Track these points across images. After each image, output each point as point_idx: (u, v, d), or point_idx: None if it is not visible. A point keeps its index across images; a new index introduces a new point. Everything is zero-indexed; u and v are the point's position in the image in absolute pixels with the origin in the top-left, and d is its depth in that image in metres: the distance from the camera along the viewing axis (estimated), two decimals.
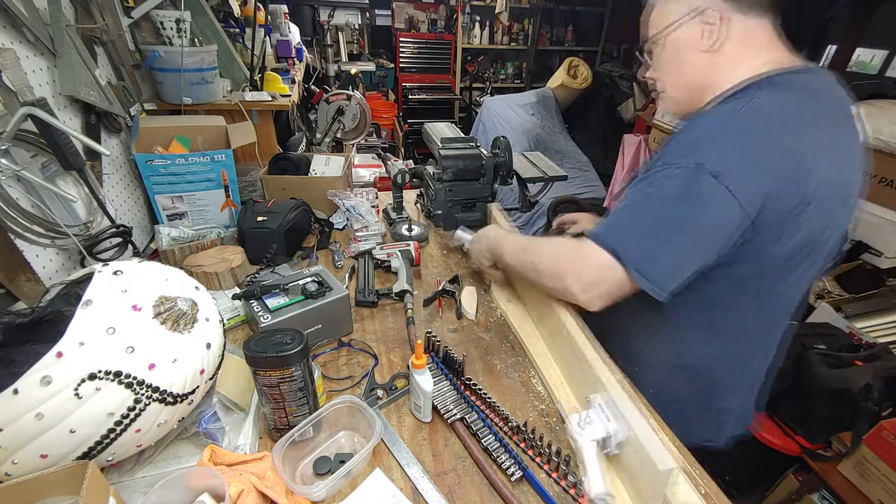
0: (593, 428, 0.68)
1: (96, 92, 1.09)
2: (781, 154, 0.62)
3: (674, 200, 0.65)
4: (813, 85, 0.68)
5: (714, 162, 0.62)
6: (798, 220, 0.64)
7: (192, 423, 0.72)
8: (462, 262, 1.30)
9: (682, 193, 0.64)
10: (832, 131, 0.66)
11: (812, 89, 0.67)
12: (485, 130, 3.75)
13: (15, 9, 0.87)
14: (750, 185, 0.62)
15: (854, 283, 1.79)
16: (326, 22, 3.08)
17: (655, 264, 0.67)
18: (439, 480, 0.70)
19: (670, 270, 0.68)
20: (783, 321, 0.82)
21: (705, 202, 0.63)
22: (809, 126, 0.64)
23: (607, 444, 0.68)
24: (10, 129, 0.79)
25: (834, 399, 1.35)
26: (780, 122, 0.63)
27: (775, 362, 0.86)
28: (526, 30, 4.85)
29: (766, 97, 0.64)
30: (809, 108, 0.65)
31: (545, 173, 1.50)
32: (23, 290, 0.82)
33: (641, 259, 0.67)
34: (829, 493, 1.42)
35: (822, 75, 0.71)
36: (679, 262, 0.68)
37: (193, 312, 0.67)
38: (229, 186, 1.27)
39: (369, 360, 0.93)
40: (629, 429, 0.64)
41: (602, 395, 0.71)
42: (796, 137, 0.63)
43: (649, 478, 0.61)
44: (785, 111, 0.64)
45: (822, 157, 0.64)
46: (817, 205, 0.64)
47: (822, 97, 0.68)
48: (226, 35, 1.78)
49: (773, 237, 0.66)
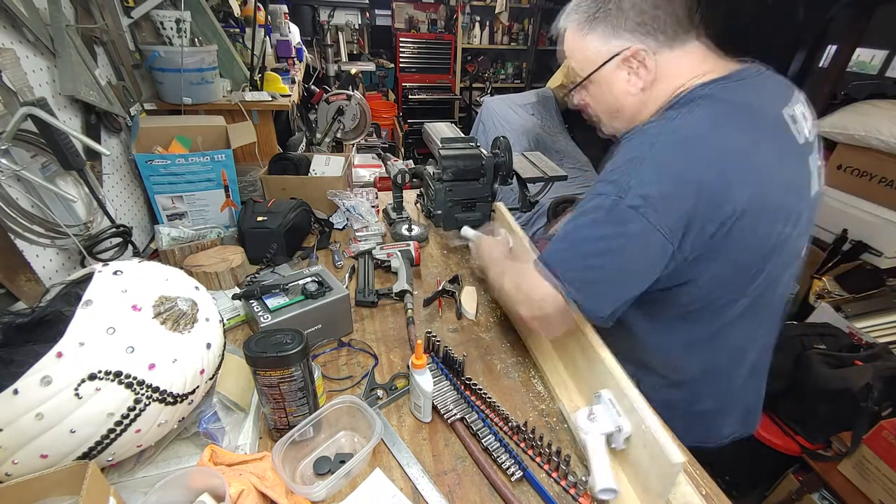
0: (602, 422, 0.69)
1: (96, 92, 1.09)
2: (699, 177, 0.62)
3: (601, 230, 0.66)
4: (739, 95, 0.67)
5: (633, 192, 0.62)
6: (728, 237, 0.64)
7: (192, 423, 0.72)
8: (462, 262, 1.30)
9: (607, 223, 0.65)
10: (757, 143, 0.65)
11: (737, 100, 0.67)
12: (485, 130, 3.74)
13: (15, 9, 0.87)
14: (669, 212, 0.62)
15: (854, 283, 1.79)
16: (326, 22, 3.08)
17: (589, 289, 0.68)
18: (439, 480, 0.70)
19: (603, 296, 0.69)
20: (763, 331, 0.83)
21: (627, 232, 0.64)
22: (730, 142, 0.63)
23: (614, 440, 0.68)
24: (10, 129, 0.79)
25: (834, 399, 1.35)
26: (697, 142, 0.63)
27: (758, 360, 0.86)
28: (526, 30, 4.85)
29: (688, 116, 0.65)
30: (732, 122, 0.65)
31: (545, 173, 1.50)
32: (23, 290, 0.82)
33: (576, 283, 0.68)
34: (829, 493, 1.42)
35: (753, 81, 0.70)
36: (611, 288, 0.69)
37: (193, 312, 0.67)
38: (229, 186, 1.27)
39: (369, 360, 0.93)
40: (641, 423, 0.63)
41: (612, 391, 0.71)
42: (713, 156, 0.62)
43: (659, 472, 0.61)
44: (703, 130, 0.64)
45: (747, 171, 0.63)
46: (751, 220, 0.64)
47: (748, 108, 0.67)
48: (226, 35, 1.78)
49: (707, 258, 0.66)
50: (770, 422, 1.52)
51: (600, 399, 0.71)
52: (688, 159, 0.63)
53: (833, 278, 1.84)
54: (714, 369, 0.83)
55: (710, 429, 0.88)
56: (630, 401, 0.66)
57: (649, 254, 0.65)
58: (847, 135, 1.78)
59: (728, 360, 0.82)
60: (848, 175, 1.85)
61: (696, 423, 0.84)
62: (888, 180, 1.72)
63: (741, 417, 0.90)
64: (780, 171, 0.67)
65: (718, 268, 0.68)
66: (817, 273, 1.89)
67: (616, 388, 0.70)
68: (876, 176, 1.76)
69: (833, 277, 1.85)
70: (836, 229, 1.89)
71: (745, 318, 0.77)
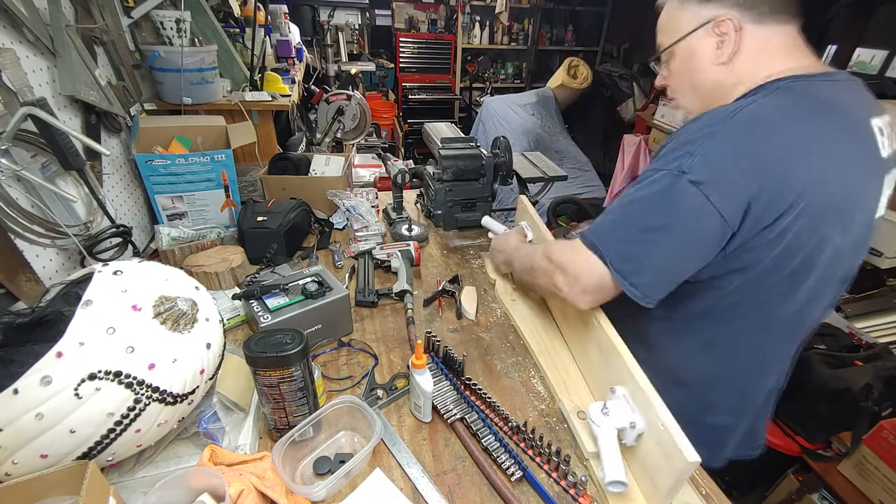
0: (615, 417, 0.69)
1: (96, 92, 1.09)
2: (766, 161, 0.59)
3: (656, 206, 0.64)
4: (827, 93, 0.64)
5: (696, 169, 0.60)
6: (783, 230, 0.62)
7: (192, 423, 0.72)
8: (462, 262, 1.30)
9: (663, 199, 0.63)
10: (835, 141, 0.63)
11: (823, 97, 0.64)
12: (485, 130, 3.75)
13: (15, 9, 0.87)
14: (731, 194, 0.60)
15: (854, 283, 1.79)
16: (326, 22, 3.08)
17: (636, 268, 0.66)
18: (439, 480, 0.70)
19: (652, 276, 0.66)
20: (786, 347, 0.80)
21: (685, 210, 0.62)
22: (804, 133, 0.61)
23: (625, 436, 0.68)
24: (10, 129, 0.79)
25: (834, 399, 1.35)
26: (770, 126, 0.60)
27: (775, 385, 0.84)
28: (526, 30, 4.85)
29: (766, 102, 0.62)
30: (811, 115, 0.62)
31: (545, 173, 1.50)
32: (23, 290, 0.82)
33: (623, 261, 0.66)
34: (829, 493, 1.42)
35: (843, 85, 0.67)
36: (660, 268, 0.66)
37: (193, 312, 0.67)
38: (229, 186, 1.27)
39: (369, 360, 0.93)
40: (658, 420, 0.63)
41: (627, 387, 0.70)
42: (785, 142, 0.60)
43: (671, 469, 0.61)
44: (779, 116, 0.61)
45: (813, 165, 0.60)
46: (803, 214, 0.61)
47: (833, 106, 0.64)
48: (226, 35, 1.78)
49: (758, 249, 0.64)
50: (770, 422, 1.52)
51: (615, 394, 0.71)
52: (756, 143, 0.60)
53: None
54: (726, 378, 0.79)
55: (715, 446, 0.84)
56: (647, 397, 0.65)
57: (705, 233, 0.62)
58: None
59: (741, 372, 0.79)
60: None
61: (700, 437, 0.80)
62: None
63: (748, 437, 0.86)
64: (850, 178, 0.64)
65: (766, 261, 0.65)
66: None
67: (632, 383, 0.69)
68: None
69: None
70: None
71: (772, 331, 0.74)
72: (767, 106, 0.62)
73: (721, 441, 0.84)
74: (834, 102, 0.64)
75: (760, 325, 0.73)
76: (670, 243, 0.65)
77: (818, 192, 0.61)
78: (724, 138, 0.61)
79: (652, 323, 0.80)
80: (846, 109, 0.65)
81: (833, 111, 0.64)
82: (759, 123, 0.61)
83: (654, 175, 0.65)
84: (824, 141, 0.62)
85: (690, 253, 0.65)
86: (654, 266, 0.66)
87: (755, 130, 0.60)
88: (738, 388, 0.80)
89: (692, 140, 0.62)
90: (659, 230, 0.64)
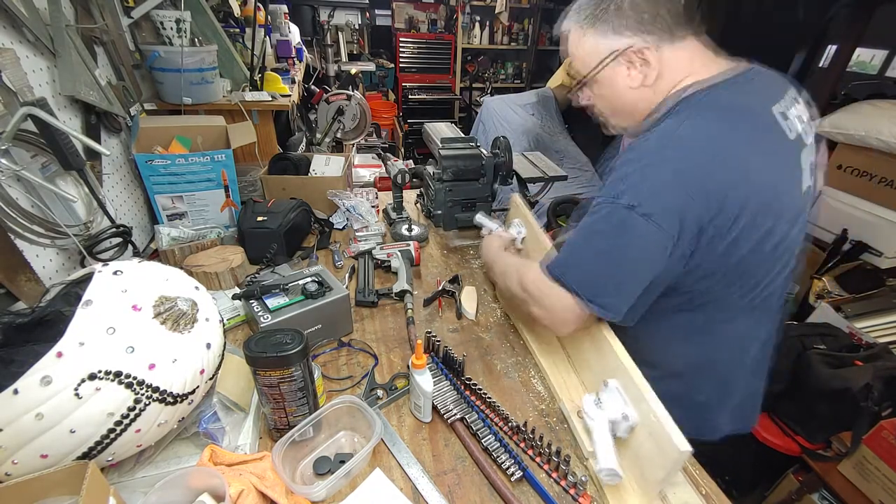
0: (608, 409, 0.70)
1: (96, 92, 1.09)
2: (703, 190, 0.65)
3: (604, 233, 0.71)
4: (730, 99, 0.71)
5: (633, 196, 0.67)
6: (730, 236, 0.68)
7: (192, 423, 0.72)
8: (462, 262, 1.30)
9: (609, 226, 0.70)
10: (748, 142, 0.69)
11: (728, 105, 0.70)
12: (485, 130, 3.74)
13: (15, 9, 0.87)
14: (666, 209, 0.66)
15: (854, 283, 1.79)
16: (326, 22, 3.09)
17: (599, 291, 0.72)
18: (439, 480, 0.70)
19: (614, 294, 0.72)
20: (763, 324, 0.85)
21: (631, 234, 0.68)
22: (721, 145, 0.67)
23: (618, 428, 0.69)
24: (10, 129, 0.79)
25: (834, 399, 1.35)
26: (691, 147, 0.67)
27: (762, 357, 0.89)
28: (526, 30, 4.85)
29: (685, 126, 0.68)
30: (723, 125, 0.69)
31: (545, 173, 1.50)
32: (23, 290, 0.82)
33: (586, 288, 0.72)
34: (829, 493, 1.42)
35: (743, 83, 0.74)
36: (621, 288, 0.72)
37: (193, 312, 0.67)
38: (229, 186, 1.27)
39: (369, 360, 0.93)
40: (650, 412, 0.64)
41: (620, 380, 0.72)
42: (708, 158, 0.66)
43: (663, 461, 0.62)
44: (697, 136, 0.68)
45: (736, 170, 0.66)
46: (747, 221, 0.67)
47: (738, 110, 0.71)
48: (226, 35, 1.78)
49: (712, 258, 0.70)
50: (770, 422, 1.52)
51: (608, 387, 0.72)
52: (682, 164, 0.67)
53: (833, 278, 1.84)
54: (713, 362, 0.85)
55: (706, 421, 0.89)
56: (639, 390, 0.67)
57: (650, 248, 0.68)
58: (847, 135, 1.78)
59: (728, 354, 0.84)
60: (848, 175, 1.85)
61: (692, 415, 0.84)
62: (888, 180, 1.72)
63: (739, 413, 0.91)
64: (773, 171, 0.71)
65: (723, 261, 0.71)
66: (817, 273, 1.89)
67: (625, 376, 0.71)
68: (876, 176, 1.76)
69: (833, 277, 1.85)
70: (835, 229, 1.89)
71: (745, 314, 0.80)
72: (685, 129, 0.68)
73: (712, 415, 0.89)
74: (738, 106, 0.71)
75: (732, 312, 0.79)
76: (626, 266, 0.71)
77: (748, 192, 0.67)
78: (656, 167, 0.68)
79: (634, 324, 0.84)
80: (749, 108, 0.72)
81: (740, 115, 0.70)
82: (680, 147, 0.67)
83: (600, 207, 0.72)
84: (738, 145, 0.68)
85: (644, 269, 0.71)
86: (614, 285, 0.72)
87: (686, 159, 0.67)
88: (722, 371, 0.86)
89: (628, 172, 0.69)
90: (611, 253, 0.71)
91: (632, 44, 0.73)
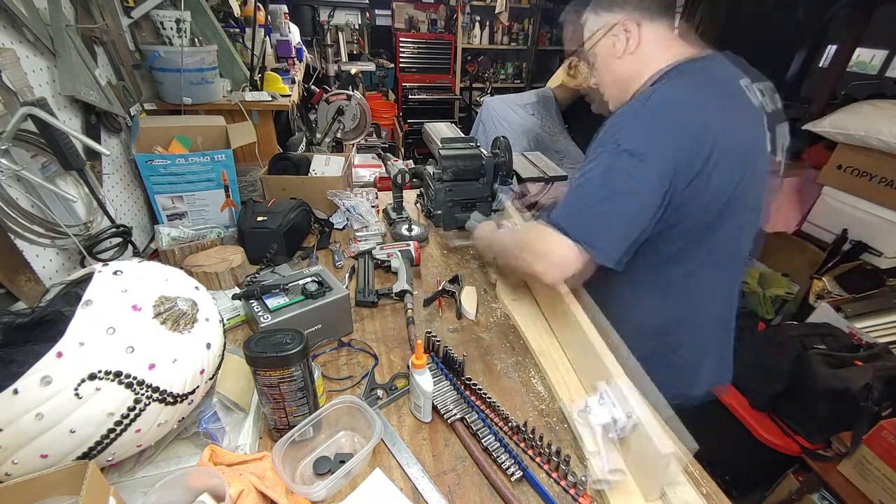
0: (600, 412, 0.71)
1: (96, 92, 1.09)
2: (681, 127, 0.76)
3: (603, 178, 0.78)
4: (709, 69, 0.84)
5: (628, 141, 0.76)
6: (705, 176, 0.76)
7: (192, 423, 0.72)
8: (462, 262, 1.30)
9: (607, 171, 0.77)
10: (725, 103, 0.81)
11: (707, 73, 0.84)
12: (485, 130, 3.74)
13: (15, 9, 0.87)
14: (660, 154, 0.75)
15: (854, 283, 1.79)
16: (326, 22, 3.09)
17: (598, 235, 0.78)
18: (439, 480, 0.70)
19: (612, 239, 0.78)
20: (728, 280, 0.96)
21: (627, 175, 0.76)
22: (703, 101, 0.78)
23: (611, 429, 0.70)
24: (10, 129, 0.79)
25: (834, 399, 1.35)
26: (679, 102, 0.78)
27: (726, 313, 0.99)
28: (526, 30, 4.85)
29: (671, 84, 0.80)
30: (704, 87, 0.81)
31: (545, 173, 1.50)
32: (23, 290, 0.82)
33: (584, 231, 0.78)
34: (829, 493, 1.42)
35: (716, 61, 0.86)
36: (617, 230, 0.78)
37: (193, 312, 0.67)
38: (229, 186, 1.27)
39: (369, 360, 0.93)
40: (633, 413, 0.65)
41: (608, 383, 0.73)
42: (692, 112, 0.77)
43: (652, 462, 0.63)
44: (682, 91, 0.79)
45: (715, 122, 0.77)
46: (719, 162, 0.76)
47: (715, 77, 0.84)
48: (226, 35, 1.78)
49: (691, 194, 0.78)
50: (770, 422, 1.52)
51: (598, 391, 0.73)
52: (670, 113, 0.77)
53: (833, 278, 1.84)
54: (686, 317, 0.94)
55: (690, 378, 0.97)
56: (620, 390, 0.69)
57: (646, 191, 0.76)
58: (847, 135, 1.78)
59: (697, 309, 0.94)
60: (848, 175, 1.85)
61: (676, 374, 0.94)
62: (888, 180, 1.72)
63: (717, 366, 1.01)
64: (741, 125, 0.83)
65: (699, 206, 0.80)
66: (817, 273, 1.89)
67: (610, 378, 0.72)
68: (876, 176, 1.76)
69: (833, 277, 1.85)
70: (835, 229, 1.89)
71: (709, 267, 0.89)
72: (672, 86, 0.80)
73: (694, 371, 0.98)
74: (715, 75, 0.85)
75: (703, 262, 0.88)
76: (620, 205, 0.77)
77: (726, 142, 0.77)
78: (645, 115, 0.78)
79: (616, 284, 0.91)
80: (723, 78, 0.86)
81: (716, 81, 0.84)
82: (668, 101, 0.78)
83: (597, 154, 0.80)
84: (716, 103, 0.80)
85: (639, 210, 0.78)
86: (611, 229, 0.78)
87: (667, 105, 0.78)
88: (695, 325, 0.96)
89: (621, 122, 0.80)
90: (609, 198, 0.77)
91: (628, 16, 0.85)
